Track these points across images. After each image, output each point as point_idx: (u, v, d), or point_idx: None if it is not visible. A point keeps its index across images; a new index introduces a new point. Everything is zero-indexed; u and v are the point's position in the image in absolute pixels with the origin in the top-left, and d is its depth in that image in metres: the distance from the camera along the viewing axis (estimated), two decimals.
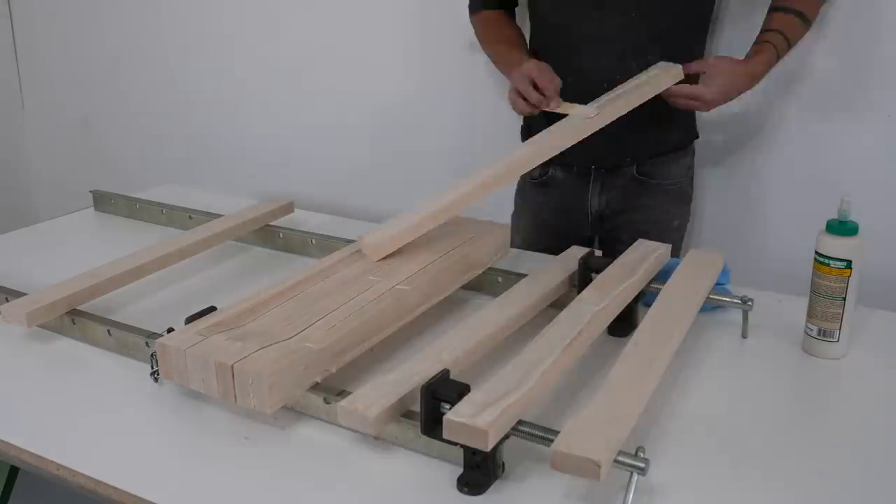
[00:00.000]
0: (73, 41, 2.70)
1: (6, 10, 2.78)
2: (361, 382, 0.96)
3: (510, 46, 1.60)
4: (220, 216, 1.62)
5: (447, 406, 0.88)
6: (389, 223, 1.26)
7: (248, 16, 2.35)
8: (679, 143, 1.61)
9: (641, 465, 0.82)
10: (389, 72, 2.17)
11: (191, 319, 1.07)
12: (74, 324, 1.21)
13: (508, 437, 0.89)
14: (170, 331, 1.06)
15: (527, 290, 1.20)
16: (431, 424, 0.90)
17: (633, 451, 0.83)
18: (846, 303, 1.13)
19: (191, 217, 1.67)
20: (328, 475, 0.93)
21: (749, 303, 1.20)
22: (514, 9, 1.70)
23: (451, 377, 0.94)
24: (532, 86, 1.42)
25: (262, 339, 1.01)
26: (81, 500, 0.96)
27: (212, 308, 1.11)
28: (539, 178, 1.66)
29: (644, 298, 1.26)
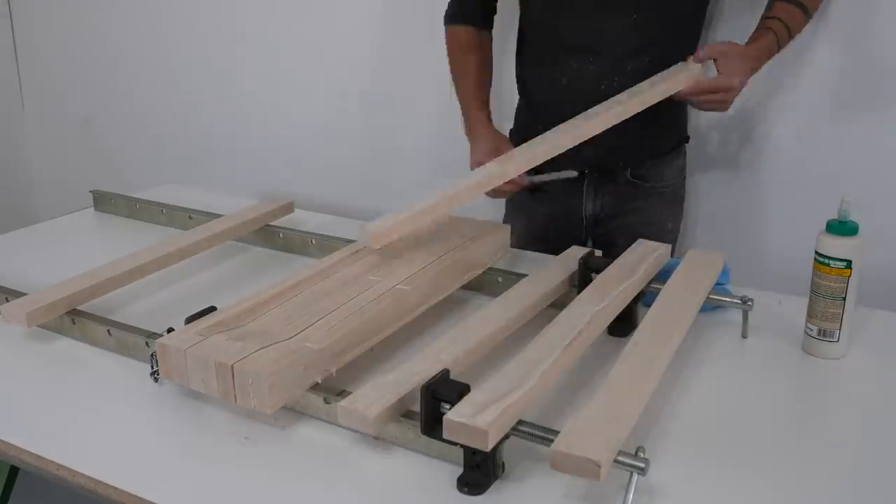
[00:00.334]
0: (73, 41, 2.70)
1: (6, 10, 2.78)
2: (361, 382, 0.96)
3: (472, 94, 1.59)
4: (220, 216, 1.62)
5: (447, 406, 0.88)
6: (392, 213, 1.25)
7: (248, 16, 2.35)
8: (672, 146, 1.60)
9: (641, 465, 0.82)
10: (390, 72, 2.17)
11: (191, 319, 1.07)
12: (74, 324, 1.21)
13: (508, 437, 0.89)
14: (170, 331, 1.06)
15: (527, 291, 1.20)
16: (431, 424, 0.90)
17: (633, 451, 0.83)
18: (846, 303, 1.13)
19: (191, 217, 1.67)
20: (328, 475, 0.93)
21: (749, 303, 1.20)
22: (489, 27, 1.64)
23: (451, 377, 0.94)
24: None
25: (262, 339, 1.01)
26: (81, 500, 0.96)
27: (212, 308, 1.11)
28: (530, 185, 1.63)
29: (644, 298, 1.26)
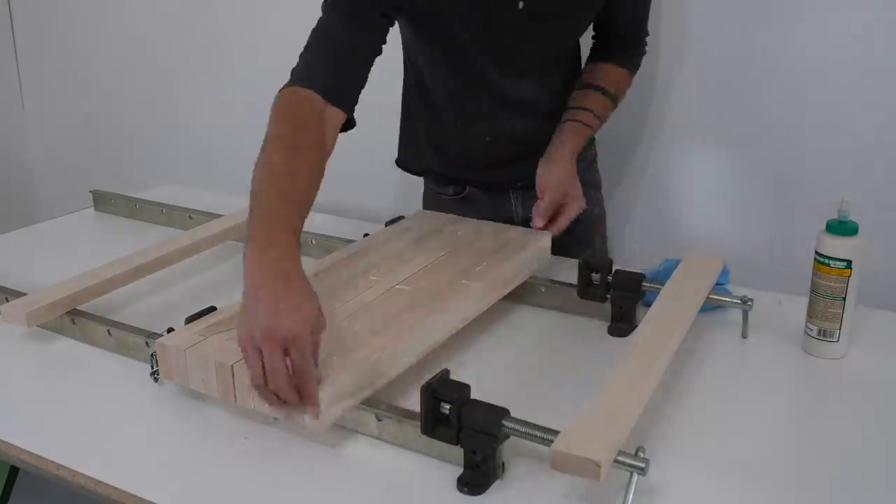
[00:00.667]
0: (73, 41, 2.70)
1: (6, 10, 2.78)
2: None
3: (290, 208, 1.02)
4: (220, 216, 1.62)
5: (447, 406, 0.88)
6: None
7: (249, 16, 2.35)
8: (580, 157, 1.53)
9: (641, 465, 0.82)
10: (390, 72, 2.17)
11: (191, 319, 1.07)
12: (74, 324, 1.21)
13: (508, 437, 0.89)
14: (170, 331, 1.06)
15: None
16: (431, 424, 0.90)
17: (633, 451, 0.83)
18: (846, 303, 1.13)
19: (191, 217, 1.67)
20: (328, 475, 0.93)
21: (749, 303, 1.20)
22: (348, 106, 1.22)
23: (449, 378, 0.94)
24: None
25: None
26: (81, 500, 0.96)
27: (212, 308, 1.11)
28: (456, 195, 1.58)
29: (644, 298, 1.26)
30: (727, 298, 1.22)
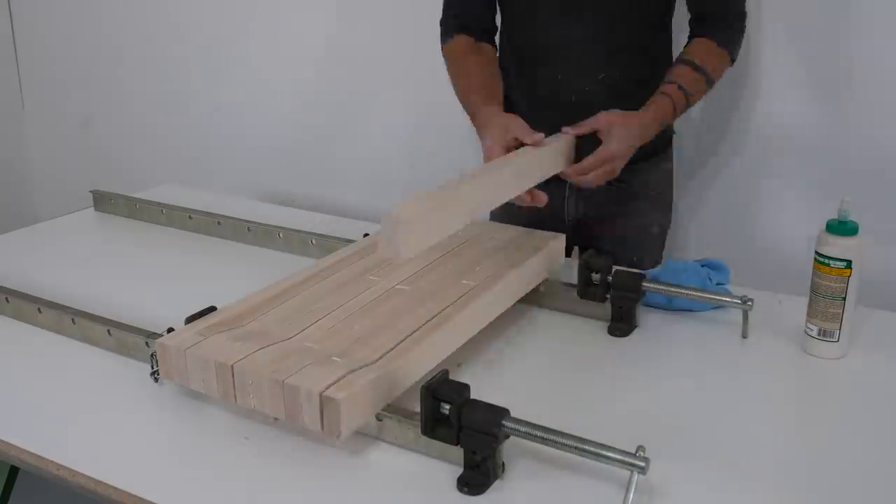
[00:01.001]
0: (73, 41, 2.70)
1: (6, 10, 2.78)
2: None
3: (473, 90, 1.44)
4: (222, 216, 1.62)
5: (447, 406, 0.88)
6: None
7: (248, 16, 2.35)
8: (655, 149, 1.52)
9: (641, 465, 0.82)
10: (389, 72, 2.17)
11: (191, 319, 1.07)
12: (75, 324, 1.21)
13: (508, 437, 0.89)
14: (170, 331, 1.06)
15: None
16: (431, 424, 0.90)
17: (634, 451, 0.83)
18: (846, 303, 1.13)
19: (191, 217, 1.67)
20: (328, 475, 0.93)
21: (749, 303, 1.20)
22: (489, 42, 1.54)
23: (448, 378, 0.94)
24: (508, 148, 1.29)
25: (262, 339, 1.01)
26: (81, 500, 0.96)
27: (212, 308, 1.11)
28: None
29: (644, 299, 1.26)
30: (727, 298, 1.22)
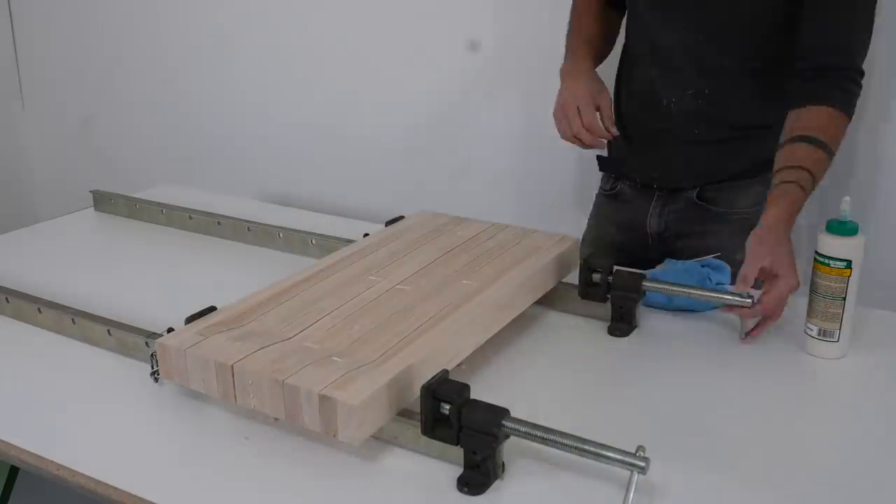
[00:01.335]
0: (73, 41, 2.70)
1: (6, 10, 2.78)
2: None
3: (579, 40, 1.50)
4: (222, 216, 1.62)
5: (447, 406, 0.88)
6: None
7: (248, 16, 2.35)
8: (748, 172, 1.45)
9: (641, 465, 0.82)
10: (389, 72, 2.18)
11: (191, 319, 1.07)
12: (75, 324, 1.21)
13: (508, 437, 0.89)
14: (170, 331, 1.06)
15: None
16: (431, 424, 0.90)
17: (634, 451, 0.83)
18: (846, 303, 1.13)
19: (191, 217, 1.67)
20: (328, 475, 0.93)
21: (750, 299, 1.18)
22: (617, 10, 1.54)
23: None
24: (578, 116, 1.39)
25: (262, 339, 1.01)
26: (81, 500, 0.96)
27: (212, 308, 1.11)
28: (609, 191, 1.60)
29: (644, 299, 1.26)
30: (729, 296, 1.21)
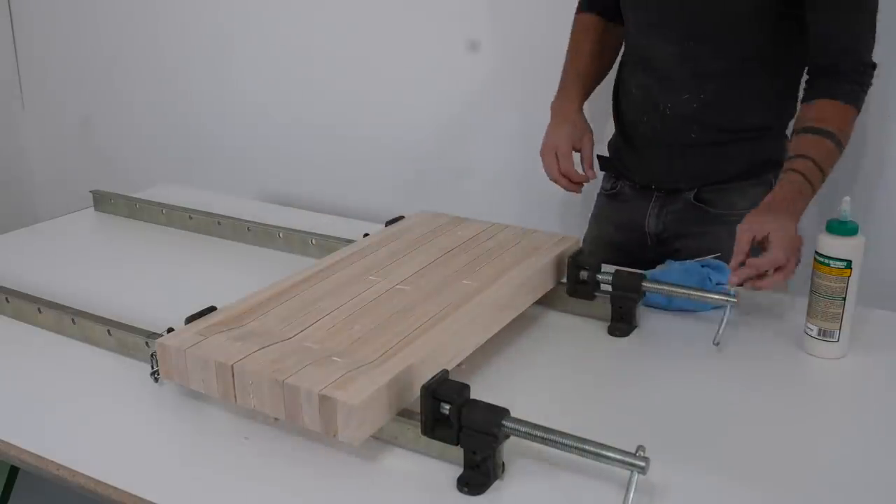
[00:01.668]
0: (73, 41, 2.70)
1: (6, 10, 2.78)
2: None
3: (572, 68, 1.54)
4: (222, 217, 1.62)
5: (447, 406, 0.88)
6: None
7: (248, 16, 2.35)
8: (745, 174, 1.45)
9: (641, 465, 0.82)
10: (389, 72, 2.17)
11: (191, 319, 1.07)
12: (75, 324, 1.21)
13: (508, 437, 0.89)
14: (170, 331, 1.06)
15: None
16: (431, 424, 0.90)
17: (634, 451, 0.83)
18: (846, 303, 1.13)
19: (191, 217, 1.67)
20: (328, 475, 0.93)
21: (733, 298, 1.17)
22: (620, 22, 1.52)
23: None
24: (556, 162, 1.45)
25: (262, 339, 1.01)
26: (81, 500, 0.96)
27: (212, 308, 1.11)
28: (610, 190, 1.61)
29: (644, 299, 1.26)
30: (715, 296, 1.19)
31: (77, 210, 1.83)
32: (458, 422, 0.88)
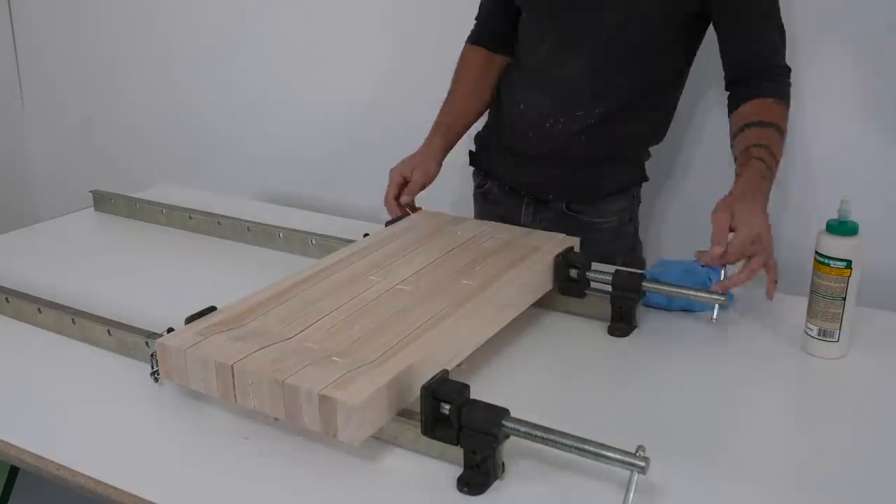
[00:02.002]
0: (73, 41, 2.70)
1: (6, 10, 2.78)
2: None
3: (443, 111, 1.57)
4: (222, 217, 1.62)
5: (447, 406, 0.88)
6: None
7: (248, 16, 2.35)
8: (614, 189, 1.52)
9: (641, 465, 0.82)
10: (389, 72, 2.17)
11: (191, 319, 1.07)
12: (75, 324, 1.21)
13: (508, 437, 0.89)
14: (170, 331, 1.06)
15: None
16: (431, 424, 0.90)
17: (634, 451, 0.83)
18: (846, 303, 1.13)
19: (191, 217, 1.67)
20: (328, 475, 0.93)
21: (724, 297, 1.18)
22: (507, 53, 1.57)
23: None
24: (398, 187, 1.50)
25: (262, 339, 1.01)
26: (81, 500, 0.96)
27: (212, 308, 1.11)
28: (479, 188, 1.64)
29: (644, 299, 1.26)
30: (704, 295, 1.19)
31: (77, 210, 1.83)
32: (458, 422, 0.88)
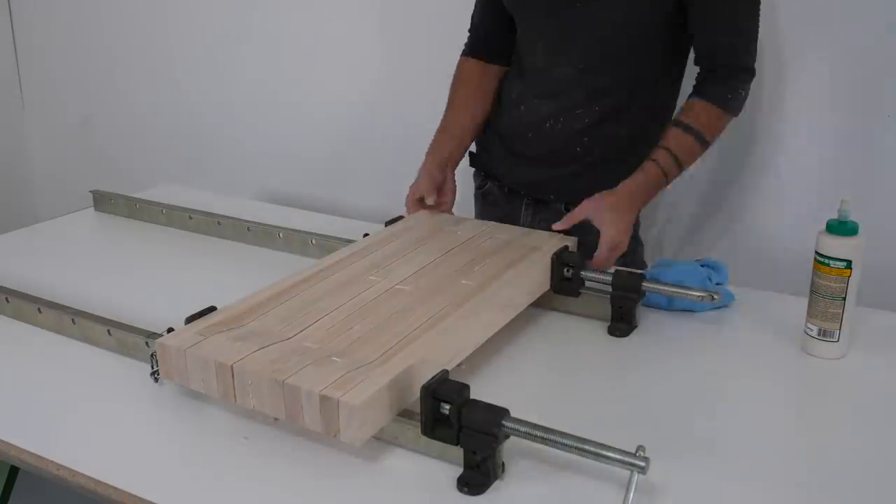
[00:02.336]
0: (73, 41, 2.70)
1: (6, 10, 2.78)
2: None
3: (444, 124, 1.56)
4: (223, 217, 1.62)
5: (447, 406, 0.88)
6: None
7: (248, 16, 2.35)
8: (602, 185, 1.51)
9: (641, 465, 0.82)
10: (389, 72, 2.17)
11: (191, 319, 1.07)
12: (75, 324, 1.21)
13: (508, 437, 0.89)
14: (170, 331, 1.06)
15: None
16: (431, 424, 0.90)
17: (634, 451, 0.83)
18: (846, 303, 1.13)
19: (191, 217, 1.67)
20: (328, 475, 0.93)
21: (715, 297, 1.18)
22: (502, 63, 1.57)
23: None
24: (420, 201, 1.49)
25: (262, 339, 1.01)
26: (81, 500, 0.96)
27: (212, 308, 1.11)
28: (480, 189, 1.64)
29: (644, 299, 1.26)
30: (697, 294, 1.19)
31: (77, 210, 1.83)
32: (458, 422, 0.88)
